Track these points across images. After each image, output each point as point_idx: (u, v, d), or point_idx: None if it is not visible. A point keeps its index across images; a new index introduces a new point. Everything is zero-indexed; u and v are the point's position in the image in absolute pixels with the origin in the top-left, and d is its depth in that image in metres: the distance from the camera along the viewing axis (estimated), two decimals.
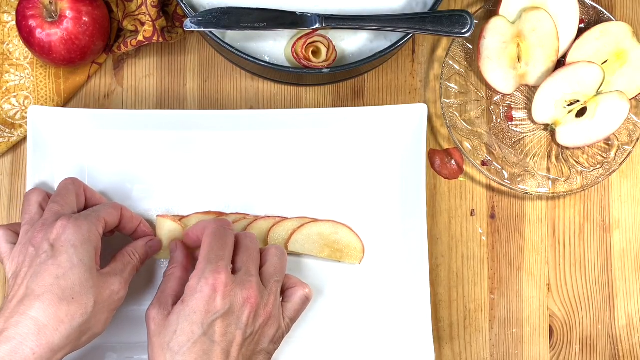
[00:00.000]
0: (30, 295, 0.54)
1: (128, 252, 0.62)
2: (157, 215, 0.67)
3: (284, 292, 0.62)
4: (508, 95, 0.73)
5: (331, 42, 0.67)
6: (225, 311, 0.55)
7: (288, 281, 0.63)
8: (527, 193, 0.71)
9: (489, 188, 0.73)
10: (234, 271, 0.58)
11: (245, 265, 0.59)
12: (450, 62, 0.72)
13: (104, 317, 0.58)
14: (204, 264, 0.57)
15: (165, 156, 0.69)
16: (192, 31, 0.66)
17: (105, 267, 0.59)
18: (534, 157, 0.73)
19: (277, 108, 0.73)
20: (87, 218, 0.58)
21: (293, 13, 0.64)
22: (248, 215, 0.68)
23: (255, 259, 0.60)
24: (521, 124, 0.73)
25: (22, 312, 0.53)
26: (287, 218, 0.68)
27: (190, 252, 0.64)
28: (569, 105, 0.71)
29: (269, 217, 0.68)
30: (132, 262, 0.61)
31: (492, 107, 0.73)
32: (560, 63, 0.72)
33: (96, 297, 0.56)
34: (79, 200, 0.62)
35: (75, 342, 0.56)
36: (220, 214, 0.68)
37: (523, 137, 0.73)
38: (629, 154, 0.71)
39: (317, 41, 0.66)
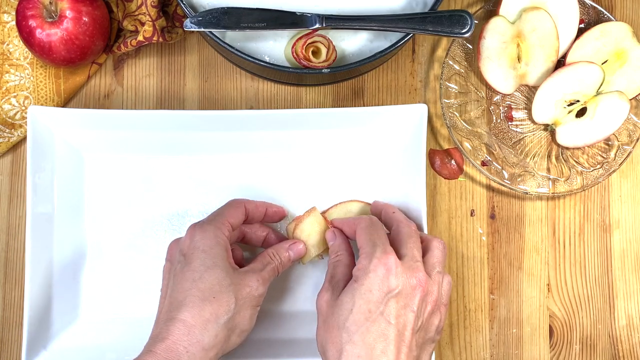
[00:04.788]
0: (174, 303, 0.57)
1: (269, 253, 0.63)
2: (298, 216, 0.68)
3: None
4: (508, 95, 0.73)
5: (331, 42, 0.67)
6: (399, 291, 0.55)
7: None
8: (527, 193, 0.71)
9: (489, 188, 0.73)
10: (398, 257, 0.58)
11: (410, 251, 0.58)
12: (450, 62, 0.72)
13: (248, 313, 0.58)
14: (370, 247, 0.57)
15: (165, 156, 0.69)
16: (192, 31, 0.66)
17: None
18: (534, 157, 0.73)
19: (277, 108, 0.73)
20: (211, 222, 0.60)
21: (293, 13, 0.64)
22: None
23: (419, 247, 0.60)
24: (521, 124, 0.73)
25: (172, 317, 0.56)
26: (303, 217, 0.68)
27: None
28: (569, 105, 0.71)
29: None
30: (272, 262, 0.62)
31: (492, 107, 0.73)
32: (560, 63, 0.72)
33: (236, 294, 0.57)
34: (236, 215, 0.63)
35: (224, 341, 0.57)
36: None
37: (523, 137, 0.73)
38: (629, 154, 0.71)
39: (317, 41, 0.66)
